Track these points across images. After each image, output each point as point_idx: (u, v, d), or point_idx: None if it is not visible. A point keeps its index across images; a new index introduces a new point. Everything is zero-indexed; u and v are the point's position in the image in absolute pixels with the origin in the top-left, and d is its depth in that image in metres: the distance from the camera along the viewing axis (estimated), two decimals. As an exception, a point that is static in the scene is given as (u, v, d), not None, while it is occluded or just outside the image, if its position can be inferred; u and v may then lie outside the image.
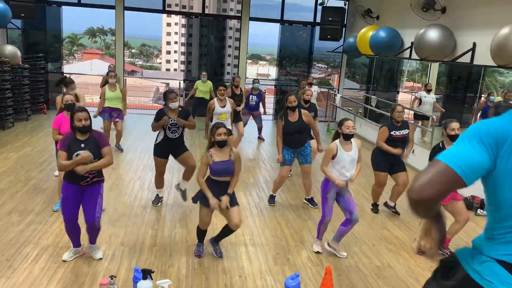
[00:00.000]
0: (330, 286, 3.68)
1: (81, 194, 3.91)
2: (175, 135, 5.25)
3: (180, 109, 5.27)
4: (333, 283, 3.72)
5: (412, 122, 8.58)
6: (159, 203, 5.58)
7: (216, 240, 4.35)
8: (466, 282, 1.61)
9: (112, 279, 3.35)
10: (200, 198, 4.13)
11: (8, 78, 9.20)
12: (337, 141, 4.33)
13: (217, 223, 4.84)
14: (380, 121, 9.96)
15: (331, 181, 4.28)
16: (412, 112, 9.36)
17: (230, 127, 6.52)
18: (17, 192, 5.67)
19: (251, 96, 8.70)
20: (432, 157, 4.52)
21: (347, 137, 4.29)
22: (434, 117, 8.00)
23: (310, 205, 5.85)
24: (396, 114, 5.42)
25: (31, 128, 9.33)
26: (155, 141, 5.36)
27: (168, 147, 5.32)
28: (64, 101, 5.08)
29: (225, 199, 4.02)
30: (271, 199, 5.83)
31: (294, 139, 5.52)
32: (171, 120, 5.16)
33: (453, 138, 4.38)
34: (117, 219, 4.96)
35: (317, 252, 4.51)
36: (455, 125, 4.40)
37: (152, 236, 4.67)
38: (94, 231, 4.07)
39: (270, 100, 14.08)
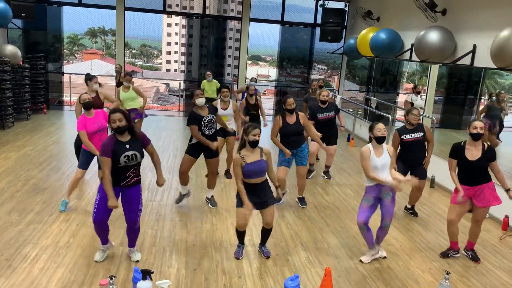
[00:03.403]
0: (329, 287, 3.68)
1: (118, 195, 3.89)
2: (212, 132, 5.31)
3: (207, 106, 5.33)
4: (332, 284, 3.73)
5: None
6: (183, 200, 5.58)
7: (261, 243, 4.47)
8: None
9: (111, 279, 3.35)
10: (238, 200, 4.15)
11: (8, 78, 9.21)
12: (369, 145, 4.27)
13: (216, 222, 4.83)
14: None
15: (373, 186, 4.24)
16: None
17: (234, 128, 6.55)
18: (17, 191, 5.67)
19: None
20: (452, 155, 4.45)
21: (380, 140, 4.20)
22: (434, 119, 7.99)
23: (299, 204, 5.89)
24: (412, 117, 5.32)
25: (31, 128, 9.34)
26: (190, 141, 5.37)
27: (202, 146, 5.29)
28: (82, 100, 5.10)
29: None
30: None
31: (292, 141, 5.56)
32: (208, 116, 5.23)
33: (474, 136, 4.30)
34: (116, 219, 4.94)
35: (360, 261, 4.43)
36: (478, 123, 4.31)
37: (152, 237, 4.67)
38: (134, 233, 4.10)
39: (270, 101, 14.09)
